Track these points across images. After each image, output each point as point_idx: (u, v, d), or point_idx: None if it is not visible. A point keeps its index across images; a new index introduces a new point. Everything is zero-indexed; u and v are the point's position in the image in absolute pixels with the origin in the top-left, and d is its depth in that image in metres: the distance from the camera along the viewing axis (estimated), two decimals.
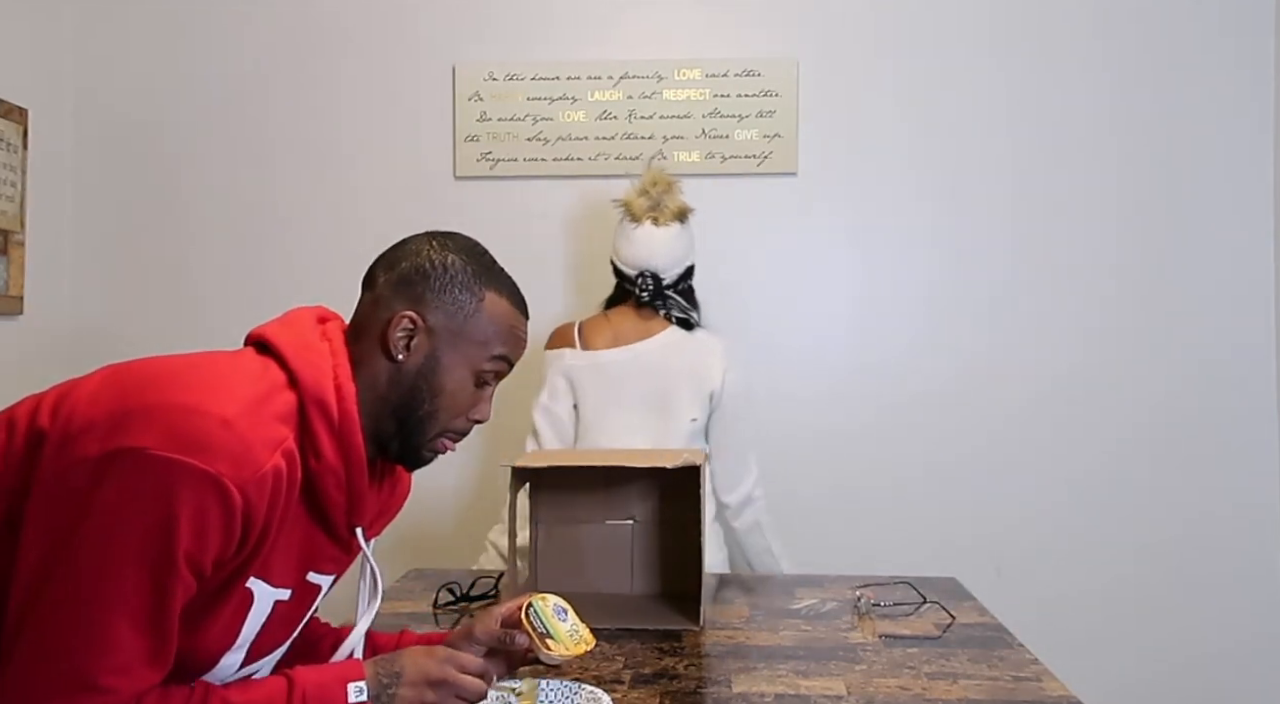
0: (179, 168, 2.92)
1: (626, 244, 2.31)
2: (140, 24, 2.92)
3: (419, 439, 1.16)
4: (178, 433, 0.96)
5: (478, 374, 1.16)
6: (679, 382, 2.24)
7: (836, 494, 2.78)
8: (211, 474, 0.95)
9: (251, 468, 0.98)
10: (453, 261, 1.16)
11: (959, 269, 2.80)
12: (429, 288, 1.15)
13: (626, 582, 1.85)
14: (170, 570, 0.95)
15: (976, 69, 2.80)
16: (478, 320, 1.15)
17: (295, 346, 1.11)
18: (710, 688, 1.39)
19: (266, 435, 1.01)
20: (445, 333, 1.14)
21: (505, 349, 1.17)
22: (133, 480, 0.95)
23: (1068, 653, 1.98)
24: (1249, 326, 2.76)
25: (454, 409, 1.16)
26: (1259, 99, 2.76)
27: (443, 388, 1.14)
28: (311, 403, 1.07)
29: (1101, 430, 2.77)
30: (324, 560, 1.15)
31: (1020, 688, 1.36)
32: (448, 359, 1.14)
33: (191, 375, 1.04)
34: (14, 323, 2.68)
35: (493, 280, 1.18)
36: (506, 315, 1.17)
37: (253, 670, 1.15)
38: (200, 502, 0.95)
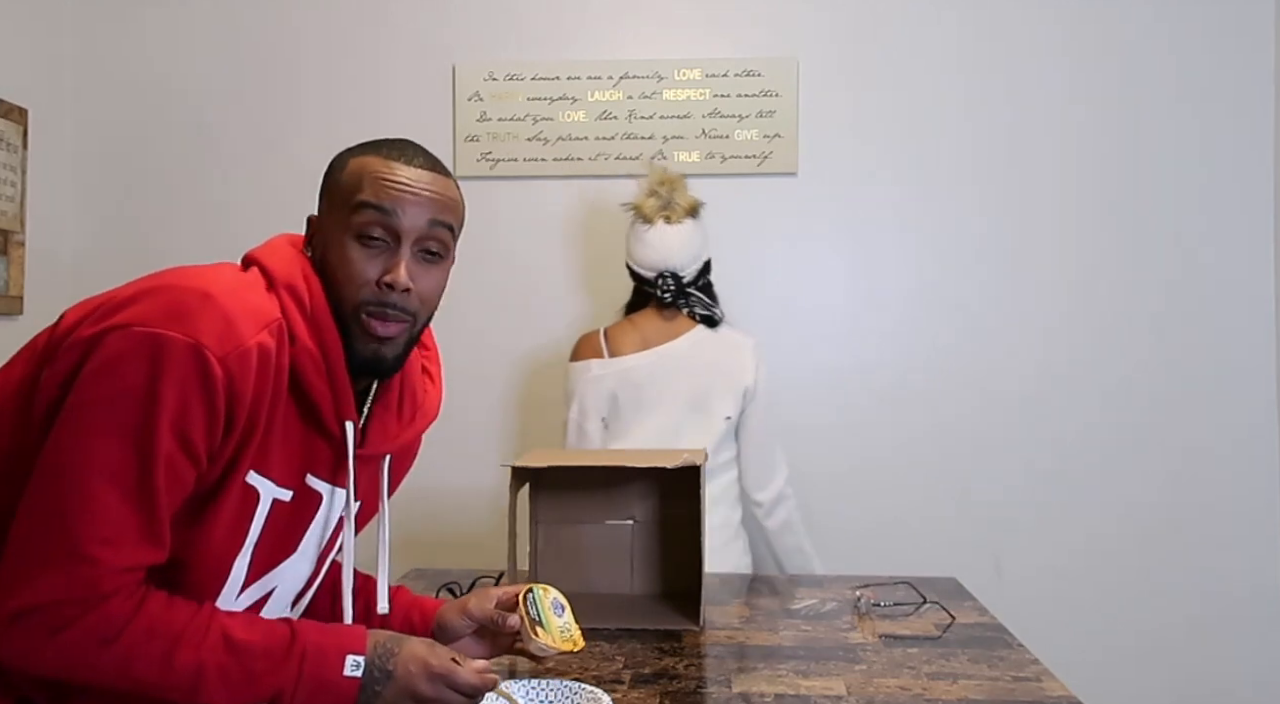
0: (179, 168, 2.92)
1: (641, 246, 2.29)
2: (140, 24, 2.92)
3: (348, 324, 1.13)
4: (161, 308, 1.00)
5: (355, 232, 1.13)
6: (712, 380, 2.23)
7: (836, 494, 2.78)
8: (192, 344, 0.98)
9: (233, 341, 1.00)
10: (339, 154, 1.19)
11: (959, 268, 2.80)
12: (322, 187, 1.19)
13: (626, 582, 1.85)
14: (152, 438, 0.97)
15: (975, 69, 2.80)
16: (340, 183, 1.16)
17: (269, 253, 1.15)
18: (710, 688, 1.39)
19: (252, 312, 1.04)
20: (325, 215, 1.17)
21: (367, 193, 1.13)
22: (114, 352, 0.98)
23: (1068, 653, 1.98)
24: (1249, 326, 2.76)
25: (350, 278, 1.12)
26: (1259, 99, 2.76)
27: (330, 261, 1.14)
28: (283, 288, 1.10)
29: (1102, 430, 2.77)
30: (320, 464, 1.14)
31: (1020, 688, 1.36)
32: (329, 235, 1.15)
33: (179, 269, 1.09)
34: (14, 323, 2.68)
35: (365, 147, 1.18)
36: (367, 165, 1.15)
37: (264, 589, 1.15)
38: (182, 372, 0.97)
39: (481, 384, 2.84)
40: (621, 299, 2.51)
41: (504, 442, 2.85)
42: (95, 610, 0.97)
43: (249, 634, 1.04)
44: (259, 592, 1.14)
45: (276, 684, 1.03)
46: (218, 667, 1.01)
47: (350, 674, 1.06)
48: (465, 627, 1.29)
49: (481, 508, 2.78)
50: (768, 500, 2.28)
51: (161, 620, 1.00)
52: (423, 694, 1.09)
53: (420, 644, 1.12)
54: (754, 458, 2.27)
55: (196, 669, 1.00)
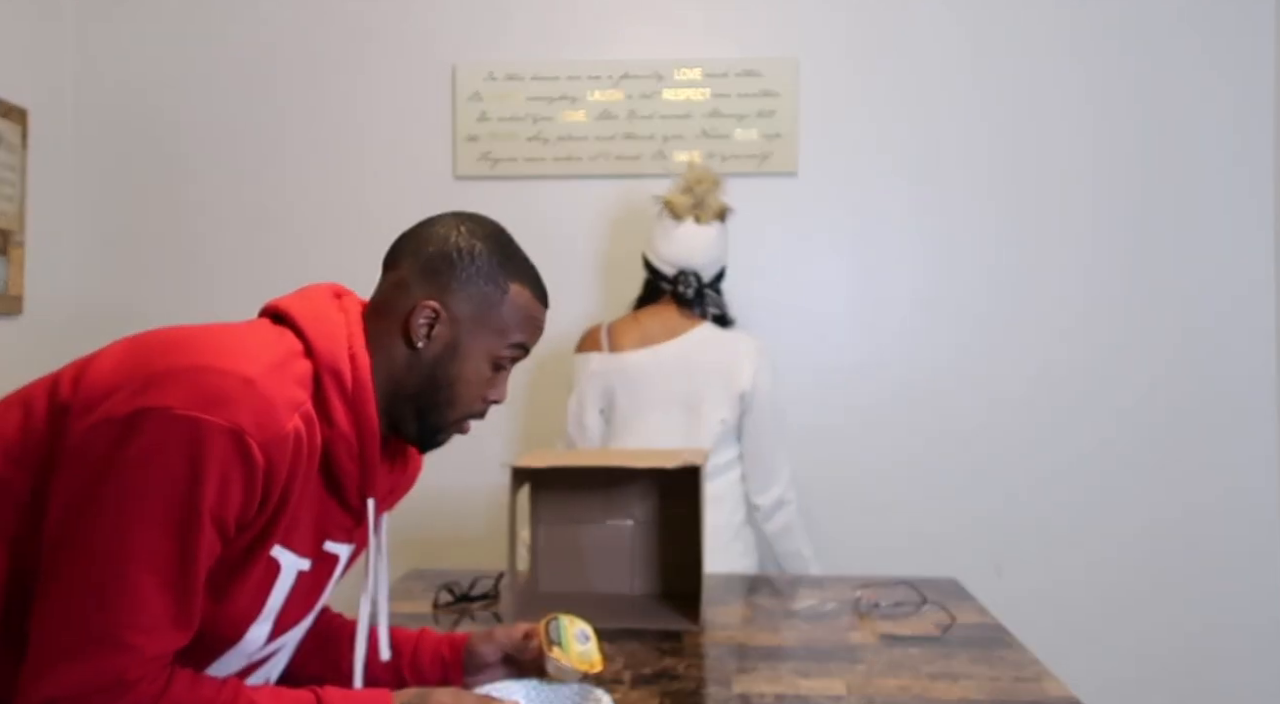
0: (179, 168, 2.92)
1: (667, 242, 2.29)
2: (140, 24, 2.92)
3: (437, 423, 1.17)
4: (201, 391, 0.97)
5: (495, 361, 1.17)
6: (708, 381, 2.22)
7: (836, 493, 2.78)
8: (235, 430, 0.96)
9: (274, 427, 0.99)
10: (480, 250, 1.16)
11: (959, 269, 2.80)
12: (454, 277, 1.15)
13: (626, 582, 1.85)
14: (195, 528, 0.96)
15: (976, 69, 2.80)
16: (500, 312, 1.16)
17: (310, 316, 1.12)
18: (710, 688, 1.39)
19: (287, 396, 1.02)
20: (467, 323, 1.15)
21: (524, 337, 1.18)
22: (156, 438, 0.95)
23: (1068, 653, 1.98)
24: (1249, 326, 2.76)
25: (472, 395, 1.17)
26: (1259, 99, 2.76)
27: (461, 376, 1.15)
28: (325, 370, 1.08)
29: (1103, 430, 2.77)
30: (338, 529, 1.15)
31: (1020, 688, 1.36)
32: (467, 348, 1.15)
33: (211, 340, 1.05)
34: (14, 323, 2.68)
35: (517, 271, 1.18)
36: (528, 306, 1.18)
37: (277, 646, 1.15)
38: (224, 458, 0.96)
39: None
40: (622, 299, 2.51)
41: (504, 441, 2.85)
42: (125, 697, 0.96)
43: (274, 702, 1.04)
44: (270, 650, 1.15)
45: None
46: None
47: None
48: (492, 653, 1.30)
49: (481, 508, 2.78)
50: (766, 505, 2.28)
51: (187, 701, 0.99)
52: None
53: (446, 694, 1.13)
54: (754, 462, 2.27)
55: None
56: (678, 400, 2.22)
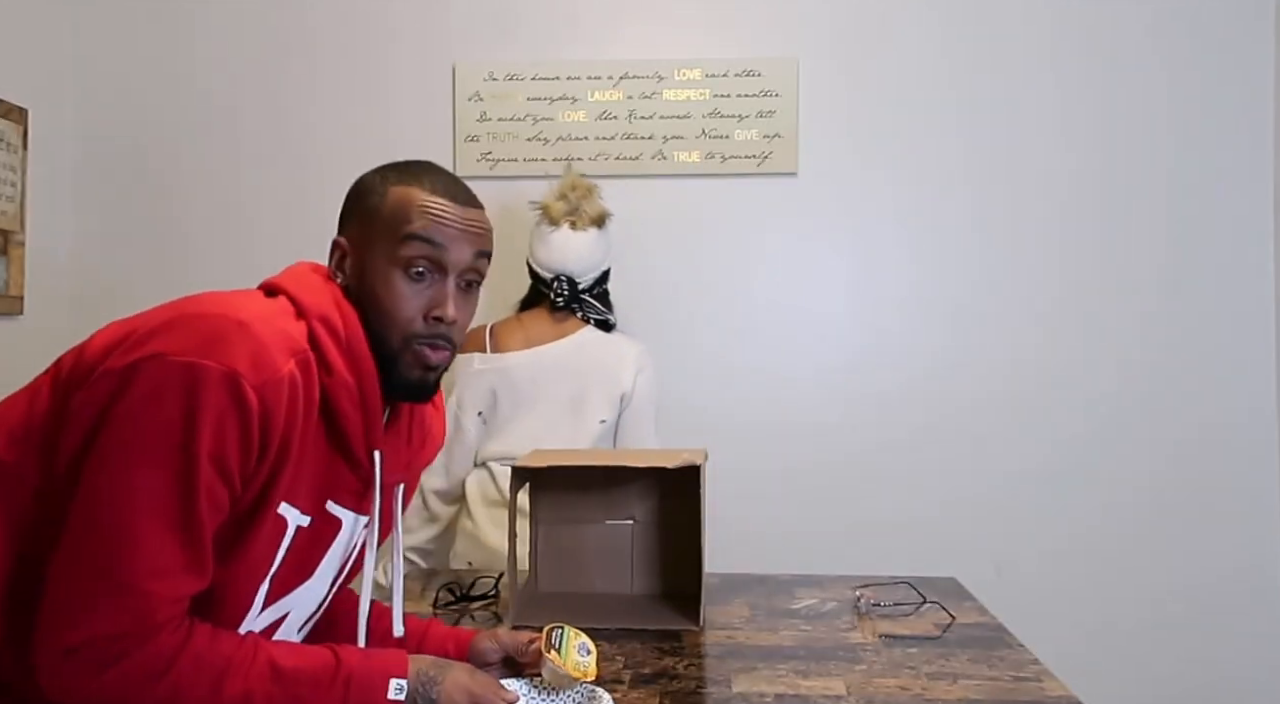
0: (179, 167, 2.92)
1: (543, 247, 2.32)
2: (140, 24, 2.92)
3: (389, 353, 1.14)
4: (195, 336, 0.99)
5: (403, 264, 1.13)
6: (590, 383, 2.25)
7: (836, 493, 2.78)
8: (229, 373, 0.97)
9: (269, 370, 1.00)
10: (369, 176, 1.19)
11: (958, 268, 2.80)
12: (349, 210, 1.19)
13: (626, 582, 1.85)
14: (194, 470, 0.97)
15: (976, 69, 2.80)
16: (381, 214, 1.15)
17: (296, 282, 1.14)
18: (710, 688, 1.39)
19: (283, 340, 1.03)
20: (361, 241, 1.16)
21: (416, 226, 1.13)
22: (152, 384, 0.97)
23: (1068, 653, 1.98)
24: (1248, 326, 2.76)
25: (400, 311, 1.13)
26: (1259, 99, 2.76)
27: (375, 292, 1.13)
28: (316, 320, 1.09)
29: (1103, 430, 2.77)
30: (343, 491, 1.15)
31: (1020, 688, 1.36)
32: (370, 264, 1.14)
33: (207, 296, 1.08)
34: (14, 323, 2.68)
35: (402, 175, 1.18)
36: (412, 196, 1.15)
37: (277, 617, 1.15)
38: (219, 401, 0.97)
39: None
40: (623, 298, 2.51)
41: None
42: (146, 645, 0.97)
43: (294, 661, 1.05)
44: (273, 616, 1.15)
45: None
46: (265, 695, 1.02)
47: (394, 697, 1.08)
48: (494, 653, 1.31)
49: None
50: None
51: (209, 652, 1.01)
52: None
53: (462, 670, 1.14)
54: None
55: (245, 698, 1.01)
56: (559, 401, 2.23)
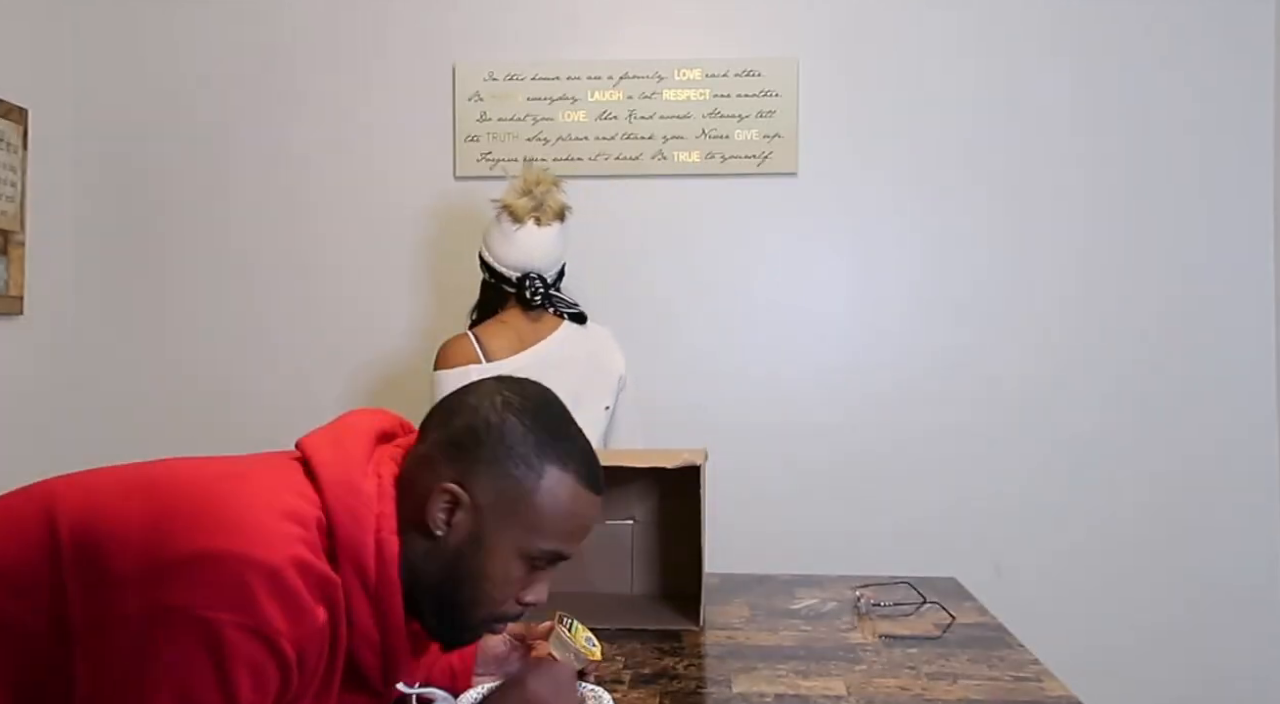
0: (179, 167, 2.91)
1: (508, 246, 2.27)
2: (140, 24, 2.92)
3: (460, 622, 1.05)
4: (224, 588, 0.88)
5: (530, 562, 1.03)
6: (586, 373, 2.25)
7: (836, 493, 2.78)
8: (264, 632, 0.88)
9: (307, 622, 0.91)
10: (512, 426, 1.02)
11: (958, 268, 2.80)
12: (479, 456, 1.02)
13: (626, 582, 1.85)
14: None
15: (975, 69, 2.80)
16: (532, 501, 1.01)
17: (338, 485, 1.00)
18: (710, 688, 1.39)
19: (315, 584, 0.93)
20: (492, 512, 1.01)
21: (562, 541, 1.04)
22: (184, 645, 0.87)
23: (1068, 653, 1.98)
24: (1249, 326, 2.76)
25: (501, 595, 1.04)
26: (1260, 99, 2.75)
27: (486, 573, 1.02)
28: (347, 562, 0.97)
29: (1103, 430, 2.77)
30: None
31: (1020, 688, 1.36)
32: (493, 541, 1.01)
33: (231, 512, 0.93)
34: (14, 323, 2.68)
35: (557, 452, 1.04)
36: (568, 498, 1.03)
37: None
38: (254, 658, 0.88)
39: None
40: (626, 297, 2.51)
41: None
42: None
43: None
44: None
45: None
46: None
47: None
48: (503, 643, 1.29)
49: None
50: None
51: None
52: None
53: None
54: (624, 442, 2.32)
55: None
56: (564, 396, 2.21)
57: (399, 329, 2.83)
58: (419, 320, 2.83)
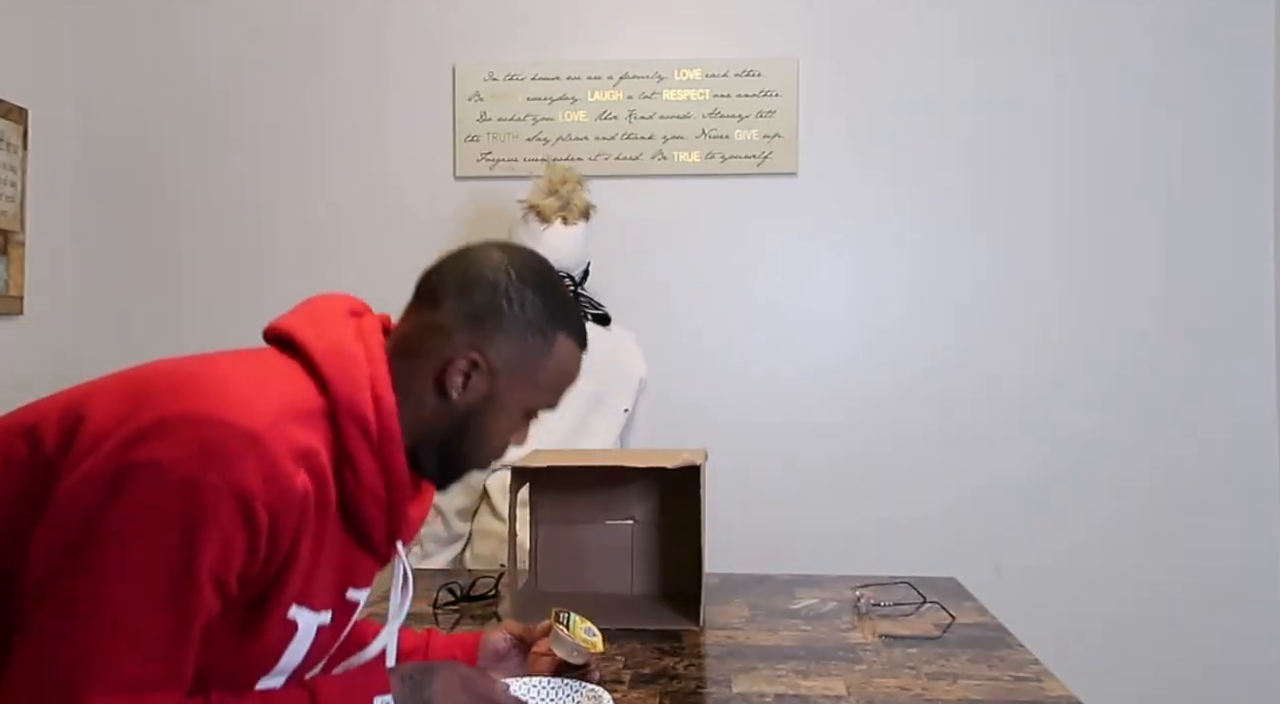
0: (179, 167, 2.92)
1: (536, 246, 2.26)
2: (140, 24, 2.92)
3: (460, 468, 1.12)
4: (200, 446, 0.87)
5: (530, 414, 1.13)
6: (606, 375, 2.26)
7: (836, 493, 2.78)
8: (240, 492, 0.87)
9: (282, 485, 0.90)
10: (530, 300, 1.08)
11: (959, 268, 2.80)
12: (500, 327, 1.07)
13: (626, 582, 1.85)
14: (192, 593, 0.87)
15: (975, 69, 2.80)
16: (544, 363, 1.10)
17: (326, 349, 1.02)
18: (710, 688, 1.39)
19: (296, 448, 0.93)
20: (506, 375, 1.08)
21: (559, 396, 1.14)
22: (150, 497, 0.86)
23: (1067, 653, 1.98)
24: (1249, 325, 2.76)
25: (503, 444, 1.13)
26: (1259, 99, 2.76)
27: (493, 427, 1.10)
28: (347, 417, 0.98)
29: (1103, 429, 2.77)
30: (361, 575, 1.09)
31: (1020, 688, 1.36)
32: (504, 400, 1.09)
33: (210, 382, 0.94)
34: (14, 323, 2.68)
35: (565, 318, 1.12)
36: (573, 360, 1.14)
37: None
38: (226, 520, 0.87)
39: None
40: (626, 297, 2.51)
41: None
42: None
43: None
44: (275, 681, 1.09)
45: None
46: None
47: None
48: (503, 640, 1.31)
49: None
50: None
51: None
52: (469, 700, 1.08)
53: (449, 668, 1.10)
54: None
55: None
56: (584, 397, 2.23)
57: None
58: None
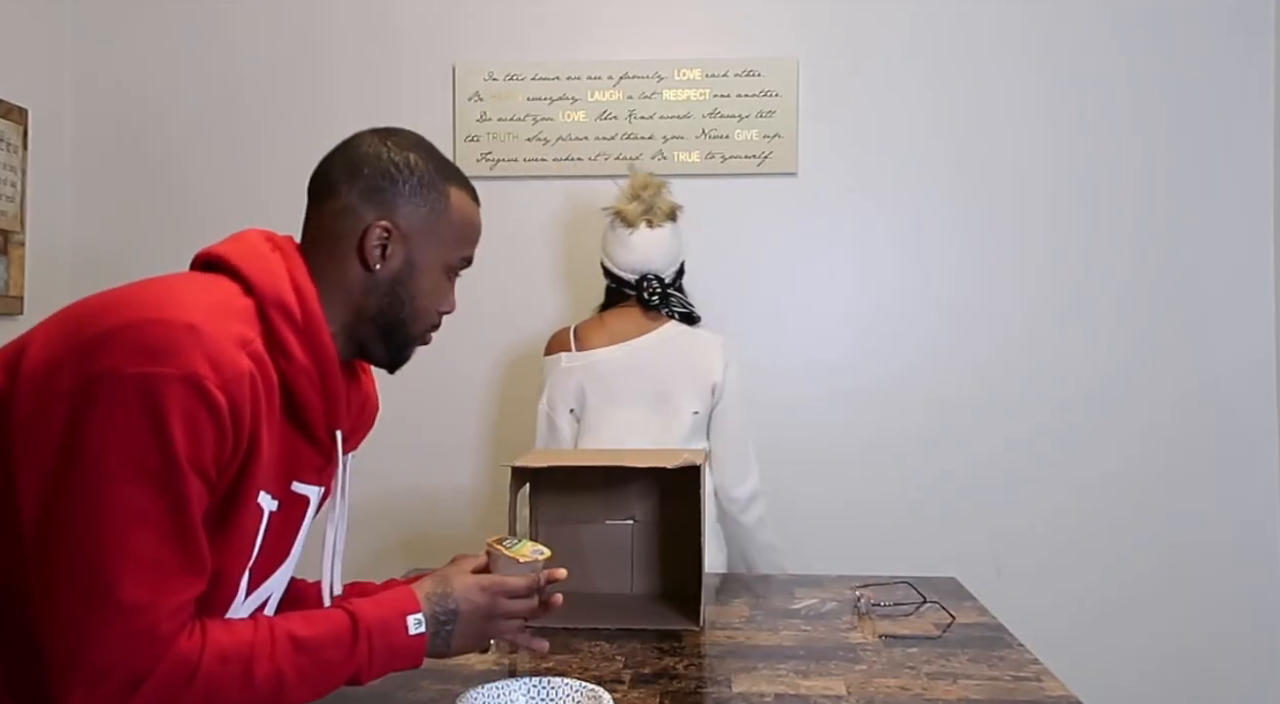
0: (178, 167, 2.92)
1: (623, 250, 2.32)
2: (140, 24, 2.92)
3: (403, 340, 1.20)
4: (146, 345, 0.95)
5: (450, 273, 1.22)
6: (677, 375, 2.24)
7: (836, 494, 2.78)
8: (191, 377, 0.95)
9: (229, 366, 0.98)
10: (415, 161, 1.19)
11: (960, 270, 2.80)
12: (398, 193, 1.17)
13: (626, 582, 1.85)
14: (177, 478, 0.95)
15: (977, 69, 2.80)
16: (448, 218, 1.19)
17: (245, 256, 1.12)
18: (710, 688, 1.39)
19: (235, 335, 1.01)
20: (418, 236, 1.18)
21: (470, 250, 1.23)
22: (114, 402, 0.94)
23: (1068, 653, 1.98)
24: (1251, 331, 2.76)
25: (434, 309, 1.21)
26: (1259, 100, 2.76)
27: (421, 289, 1.18)
28: (271, 305, 1.08)
29: (1102, 432, 2.77)
30: (307, 469, 1.15)
31: (1020, 688, 1.36)
32: (423, 261, 1.18)
33: (145, 294, 1.03)
34: (14, 323, 2.68)
35: (451, 175, 1.21)
36: (470, 210, 1.22)
37: (260, 602, 1.16)
38: (186, 406, 0.95)
39: (485, 384, 2.84)
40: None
41: (506, 441, 2.85)
42: (166, 656, 0.95)
43: (313, 630, 1.06)
44: (256, 601, 1.15)
45: (352, 667, 1.07)
46: (295, 669, 1.03)
47: (415, 632, 1.12)
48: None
49: (483, 508, 2.78)
50: (744, 496, 2.28)
51: (229, 644, 1.00)
52: (488, 610, 1.18)
53: (462, 575, 1.19)
54: (729, 455, 2.27)
55: (277, 678, 1.02)
56: (649, 395, 2.23)
57: None
58: None
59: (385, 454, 2.81)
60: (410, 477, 2.77)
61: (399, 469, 2.75)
